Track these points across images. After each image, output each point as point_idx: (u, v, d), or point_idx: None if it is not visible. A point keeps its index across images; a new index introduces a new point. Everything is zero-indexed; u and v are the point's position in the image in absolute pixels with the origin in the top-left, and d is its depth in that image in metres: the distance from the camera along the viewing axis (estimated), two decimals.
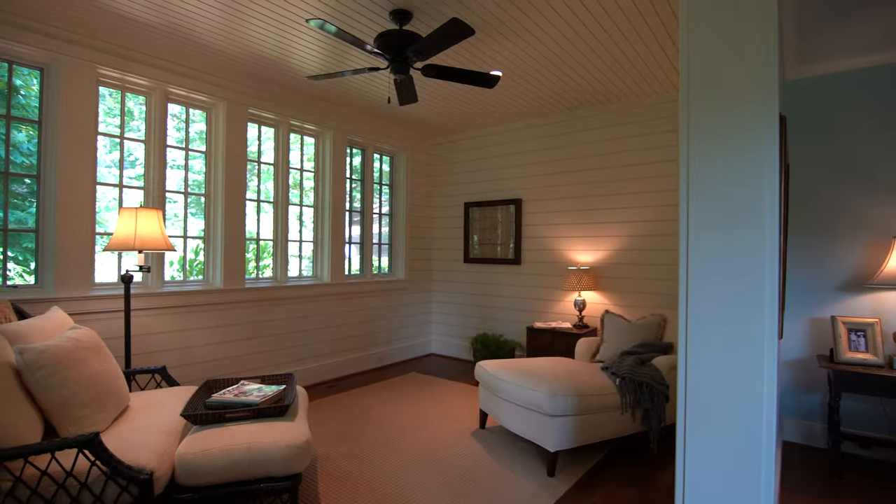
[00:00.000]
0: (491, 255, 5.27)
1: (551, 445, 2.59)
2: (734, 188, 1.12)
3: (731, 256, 1.12)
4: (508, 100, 4.38)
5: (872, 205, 3.15)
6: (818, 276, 3.32)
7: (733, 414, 1.11)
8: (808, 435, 3.35)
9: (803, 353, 3.37)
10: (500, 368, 3.04)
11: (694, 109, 1.19)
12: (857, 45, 2.99)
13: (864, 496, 2.67)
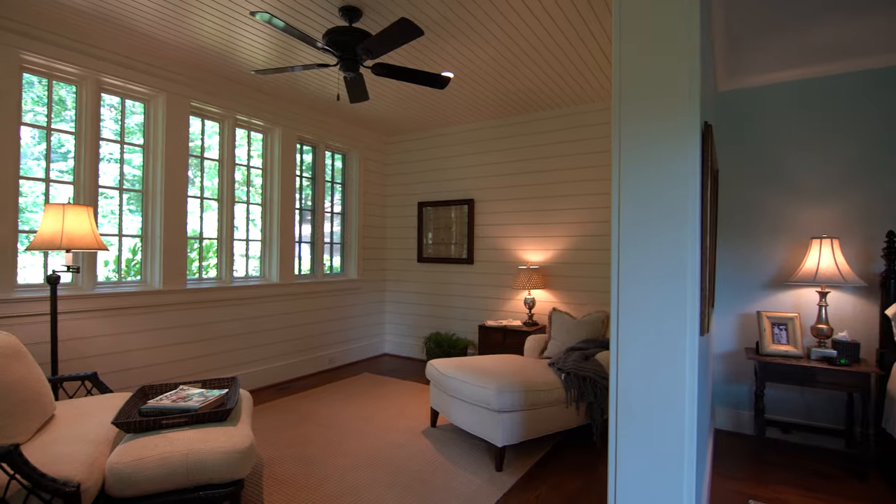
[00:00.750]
0: (444, 254, 5.31)
1: (499, 441, 2.65)
2: (660, 192, 1.19)
3: (657, 256, 1.19)
4: (461, 101, 4.43)
5: (793, 209, 3.42)
6: (746, 275, 3.57)
7: (659, 404, 1.19)
8: (738, 422, 3.59)
9: (733, 346, 3.61)
10: (450, 367, 3.08)
11: (624, 118, 1.25)
12: (778, 62, 3.23)
13: (784, 475, 2.90)
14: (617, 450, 1.25)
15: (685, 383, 1.16)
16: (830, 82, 3.31)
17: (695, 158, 1.17)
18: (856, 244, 3.23)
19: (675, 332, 1.17)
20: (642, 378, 1.21)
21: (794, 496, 2.66)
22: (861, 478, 2.85)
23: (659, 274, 1.19)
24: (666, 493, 1.18)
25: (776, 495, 2.67)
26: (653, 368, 1.19)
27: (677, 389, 1.16)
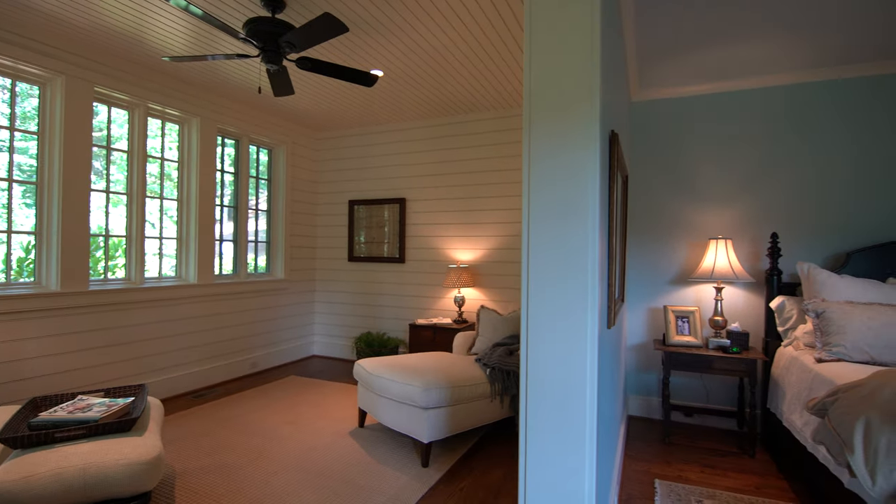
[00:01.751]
0: (376, 253, 5.27)
1: (425, 437, 2.69)
2: (565, 197, 1.27)
3: (562, 256, 1.27)
4: (392, 100, 4.42)
5: (696, 212, 3.75)
6: (655, 272, 3.86)
7: (564, 392, 1.26)
8: (649, 408, 3.88)
9: (644, 338, 3.89)
10: (377, 366, 3.07)
11: (534, 127, 1.32)
12: (684, 77, 3.54)
13: (686, 455, 3.18)
14: (527, 436, 1.31)
15: (587, 373, 1.24)
16: (729, 98, 3.66)
17: (594, 164, 1.26)
18: (746, 244, 3.60)
19: (578, 325, 1.25)
20: (549, 369, 1.28)
21: (694, 473, 2.92)
22: (750, 453, 3.19)
23: (563, 272, 1.27)
24: (570, 474, 1.26)
25: (679, 473, 2.92)
26: (558, 360, 1.27)
27: (579, 379, 1.25)
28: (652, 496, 2.63)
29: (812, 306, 2.81)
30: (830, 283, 2.94)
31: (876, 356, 2.54)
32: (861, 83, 3.32)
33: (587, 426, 1.25)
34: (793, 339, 3.08)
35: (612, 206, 1.92)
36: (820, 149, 3.41)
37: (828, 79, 3.38)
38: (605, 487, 2.04)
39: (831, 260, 3.37)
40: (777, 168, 3.52)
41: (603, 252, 1.76)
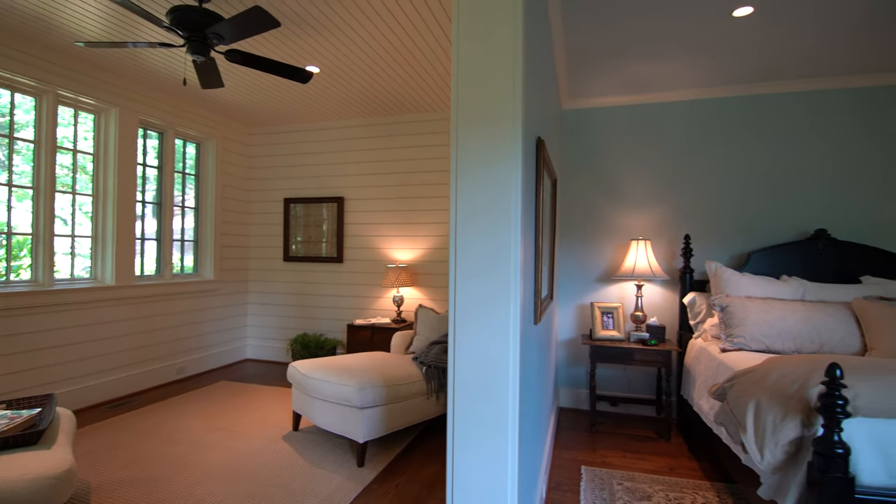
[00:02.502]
0: (313, 253, 5.16)
1: (361, 437, 2.69)
2: (488, 201, 1.34)
3: (486, 256, 1.33)
4: (329, 97, 4.35)
5: (620, 214, 4.00)
6: (584, 271, 4.08)
7: (488, 387, 1.33)
8: (578, 400, 4.09)
9: (573, 333, 4.10)
10: (312, 368, 3.03)
11: (461, 133, 1.38)
12: (608, 88, 3.76)
13: (610, 442, 3.39)
14: (454, 429, 1.37)
15: (509, 367, 1.31)
16: (648, 109, 3.93)
17: (517, 169, 1.33)
18: (663, 245, 3.89)
19: (501, 322, 1.31)
20: (474, 364, 1.34)
21: (617, 458, 3.13)
22: (666, 437, 3.45)
23: (487, 271, 1.33)
24: (494, 463, 1.32)
25: (603, 459, 3.11)
26: (482, 355, 1.33)
27: (503, 373, 1.32)
28: (578, 482, 2.79)
29: (717, 301, 3.09)
30: (734, 280, 3.25)
31: (770, 345, 2.84)
32: (758, 100, 3.69)
33: (510, 418, 1.32)
34: (702, 332, 3.37)
35: (539, 209, 2.03)
36: (726, 158, 3.75)
37: (732, 95, 3.73)
38: (533, 476, 2.15)
39: (735, 259, 3.72)
40: (690, 175, 3.84)
41: (529, 252, 1.86)
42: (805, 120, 3.61)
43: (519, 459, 1.37)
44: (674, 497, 2.61)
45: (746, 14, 2.65)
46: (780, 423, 1.75)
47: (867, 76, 3.44)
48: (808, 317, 2.83)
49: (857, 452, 1.64)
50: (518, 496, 1.36)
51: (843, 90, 3.53)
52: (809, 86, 3.57)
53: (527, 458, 1.81)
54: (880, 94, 3.47)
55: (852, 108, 3.52)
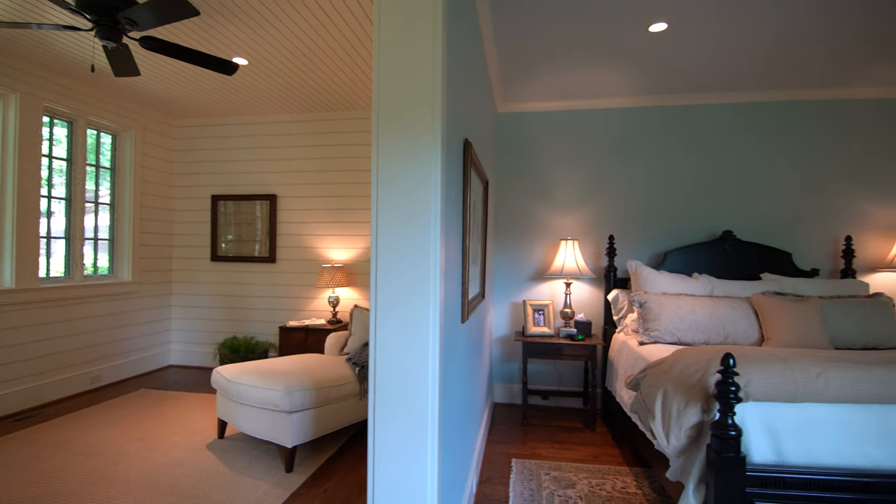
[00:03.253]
0: (244, 252, 4.95)
1: (289, 441, 2.62)
2: (408, 203, 1.35)
3: (407, 255, 1.35)
4: (261, 91, 4.19)
5: (551, 215, 4.16)
6: (518, 270, 4.20)
7: (407, 385, 1.34)
8: (511, 395, 4.21)
9: (507, 330, 4.22)
10: (237, 372, 2.91)
11: (382, 132, 1.38)
12: (540, 94, 3.90)
13: (540, 434, 3.52)
14: (374, 428, 1.37)
15: (429, 366, 1.33)
16: (578, 115, 4.11)
17: (437, 171, 1.35)
18: (590, 244, 4.09)
19: (421, 322, 1.33)
20: (394, 365, 1.35)
21: (546, 449, 3.25)
22: (592, 427, 3.63)
23: (407, 271, 1.35)
24: (414, 465, 1.34)
25: (533, 451, 3.23)
26: (402, 354, 1.35)
27: (422, 371, 1.33)
28: (508, 474, 2.88)
29: (636, 298, 3.30)
30: (651, 277, 3.48)
31: (682, 337, 3.07)
32: (675, 110, 3.96)
33: (430, 417, 1.34)
34: (624, 327, 3.57)
35: (467, 210, 2.07)
36: (647, 164, 4.00)
37: (653, 105, 3.98)
38: (463, 472, 2.19)
39: (654, 258, 3.98)
40: (615, 179, 4.06)
41: (454, 252, 1.89)
42: (715, 131, 3.92)
43: (439, 458, 1.39)
44: (596, 483, 2.76)
45: (661, 30, 2.84)
46: (683, 409, 1.90)
47: (765, 93, 3.79)
48: (715, 311, 3.08)
49: (748, 434, 1.81)
50: (439, 495, 1.39)
51: (746, 104, 3.87)
52: (718, 99, 3.88)
53: (452, 456, 1.85)
54: (775, 109, 3.84)
55: (752, 121, 3.87)
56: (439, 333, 1.36)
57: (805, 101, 3.81)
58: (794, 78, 3.51)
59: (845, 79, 3.52)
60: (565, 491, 2.66)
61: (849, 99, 3.76)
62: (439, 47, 1.36)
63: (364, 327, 3.69)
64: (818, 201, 3.80)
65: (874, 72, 3.38)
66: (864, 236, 3.76)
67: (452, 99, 1.73)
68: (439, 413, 1.37)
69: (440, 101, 1.36)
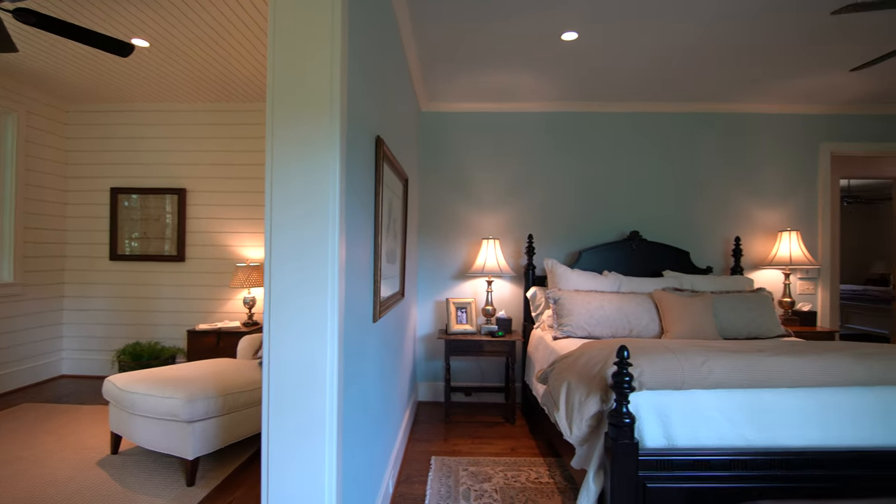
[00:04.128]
0: (148, 251, 4.58)
1: (190, 453, 2.45)
2: (305, 195, 1.30)
3: (302, 254, 1.29)
4: (167, 77, 3.88)
5: (474, 214, 4.22)
6: (442, 268, 4.23)
7: (304, 388, 1.29)
8: (436, 393, 4.23)
9: (431, 329, 4.23)
10: (132, 381, 2.68)
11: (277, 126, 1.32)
12: (463, 95, 3.94)
13: (462, 430, 3.56)
14: (269, 438, 1.31)
15: (326, 370, 1.29)
16: (500, 117, 4.20)
17: (335, 168, 1.31)
18: (511, 243, 4.20)
19: (317, 323, 1.29)
20: (288, 368, 1.30)
21: (466, 445, 3.29)
22: (511, 421, 3.73)
23: (302, 271, 1.30)
24: (311, 470, 1.29)
25: (453, 448, 3.26)
26: (297, 358, 1.29)
27: (319, 376, 1.29)
28: (427, 472, 2.88)
29: (551, 294, 3.43)
30: (566, 275, 3.63)
31: (591, 331, 3.23)
32: (591, 116, 4.17)
33: (328, 418, 1.30)
34: (541, 323, 3.70)
35: (379, 208, 2.04)
36: (565, 166, 4.18)
37: (571, 110, 4.16)
38: (376, 474, 2.16)
39: (570, 257, 4.16)
40: (534, 180, 4.20)
41: (365, 251, 1.86)
42: (625, 138, 4.17)
43: (339, 461, 1.35)
44: (511, 475, 2.83)
45: (573, 39, 2.96)
46: (584, 400, 1.99)
47: (670, 104, 4.09)
48: (621, 306, 3.28)
49: (642, 421, 1.94)
50: (338, 498, 1.35)
51: (653, 114, 4.16)
52: (629, 108, 4.13)
53: (360, 458, 1.81)
54: (679, 120, 4.16)
55: (658, 130, 4.16)
56: (338, 333, 1.32)
57: (704, 113, 4.15)
58: (694, 91, 3.82)
59: (737, 95, 3.88)
60: (482, 485, 2.71)
61: (740, 113, 4.15)
62: (339, 38, 1.32)
63: None
64: (713, 205, 4.17)
65: (759, 90, 3.75)
66: (750, 237, 4.17)
67: (359, 93, 1.69)
68: (338, 414, 1.33)
69: (340, 93, 1.32)
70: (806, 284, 4.17)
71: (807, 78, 3.51)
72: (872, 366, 2.02)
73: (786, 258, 3.88)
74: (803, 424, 1.92)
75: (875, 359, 2.06)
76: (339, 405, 1.34)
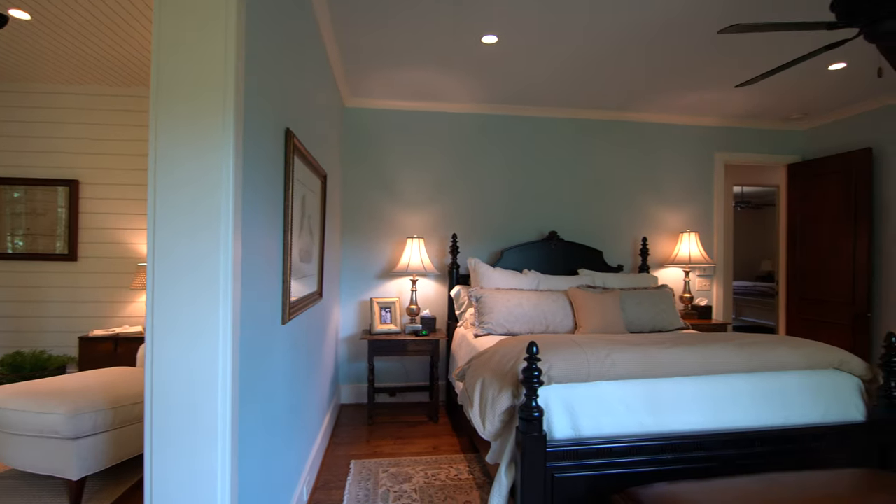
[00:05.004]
0: (37, 249, 4.08)
1: (75, 473, 2.21)
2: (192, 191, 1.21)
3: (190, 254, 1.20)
4: (58, 56, 3.48)
5: (399, 213, 4.19)
6: (366, 268, 4.15)
7: (191, 396, 1.20)
8: (359, 395, 4.15)
9: (354, 329, 4.14)
10: (5, 396, 2.36)
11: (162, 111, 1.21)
12: (387, 92, 3.89)
13: (385, 431, 3.52)
14: (152, 458, 1.20)
15: (218, 373, 1.21)
16: (427, 116, 4.20)
17: (229, 162, 1.23)
18: (436, 242, 4.22)
19: (207, 326, 1.20)
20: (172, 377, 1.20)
21: (388, 447, 3.26)
22: (435, 420, 3.75)
23: (192, 270, 1.21)
24: (202, 480, 1.21)
25: (374, 450, 3.21)
26: (183, 367, 1.20)
27: (209, 380, 1.21)
28: (346, 476, 2.82)
29: (473, 293, 3.48)
30: (488, 274, 3.71)
31: (511, 328, 3.32)
32: (514, 120, 4.29)
33: (220, 427, 1.22)
34: (464, 321, 3.75)
35: (289, 204, 1.95)
36: (489, 167, 4.26)
37: (495, 113, 4.25)
38: (288, 484, 2.07)
39: (493, 256, 4.25)
40: (460, 180, 4.24)
41: (273, 250, 1.77)
42: (544, 141, 4.33)
43: (233, 474, 1.27)
44: (432, 474, 2.84)
45: (493, 42, 3.02)
46: (497, 395, 2.03)
47: (585, 111, 4.30)
48: (538, 303, 3.40)
49: (551, 413, 2.01)
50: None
51: (570, 119, 4.35)
52: (548, 113, 4.30)
53: (266, 470, 1.73)
54: (592, 126, 4.39)
55: (575, 135, 4.37)
56: (231, 336, 1.24)
57: (615, 121, 4.41)
58: (606, 100, 4.04)
59: (643, 105, 4.16)
60: (401, 486, 2.69)
61: (647, 122, 4.45)
62: (234, 14, 1.23)
63: None
64: (624, 207, 4.44)
65: (661, 102, 4.04)
66: (656, 237, 4.49)
67: (265, 81, 1.61)
68: (233, 423, 1.25)
69: (235, 78, 1.24)
70: (703, 281, 4.56)
71: (700, 93, 3.84)
72: (751, 355, 2.24)
73: (686, 257, 4.21)
74: (691, 410, 2.08)
75: (754, 348, 2.29)
76: (233, 414, 1.26)
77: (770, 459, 2.09)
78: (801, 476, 1.83)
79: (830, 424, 2.17)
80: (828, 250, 4.22)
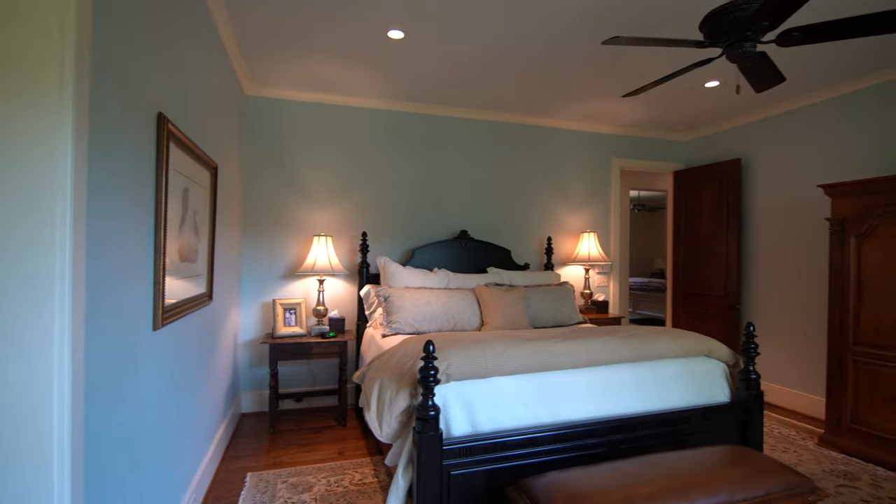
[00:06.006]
0: None
1: None
2: (11, 184, 1.04)
3: (10, 249, 1.03)
4: None
5: (305, 210, 4.00)
6: (269, 267, 3.92)
7: (13, 420, 1.03)
8: (262, 402, 3.91)
9: (256, 333, 3.90)
10: None
11: None
12: (293, 82, 3.70)
13: (288, 439, 3.34)
14: None
15: (53, 390, 1.05)
16: (335, 110, 4.05)
17: (67, 146, 1.07)
18: (345, 241, 4.09)
19: (35, 336, 1.04)
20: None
21: (289, 456, 3.10)
22: (343, 423, 3.63)
23: (9, 271, 1.04)
24: None
25: (275, 460, 3.04)
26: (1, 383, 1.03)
27: (41, 398, 1.04)
28: (240, 491, 2.63)
29: (382, 292, 3.42)
30: (398, 273, 3.66)
31: (419, 327, 3.30)
32: (425, 119, 4.28)
33: (57, 453, 1.06)
34: (373, 321, 3.68)
35: (163, 197, 1.77)
36: (401, 165, 4.21)
37: (406, 111, 4.21)
38: (168, 502, 1.88)
39: (404, 255, 4.21)
40: (371, 177, 4.15)
41: (141, 249, 1.59)
42: (455, 141, 4.37)
43: (74, 497, 1.11)
44: (335, 481, 2.74)
45: (399, 38, 2.98)
46: (394, 397, 2.00)
47: (493, 113, 4.40)
48: (447, 302, 3.41)
49: (449, 411, 2.01)
50: None
51: (479, 121, 4.43)
52: (458, 114, 4.34)
53: (134, 494, 1.55)
54: (501, 129, 4.51)
55: (484, 136, 4.46)
56: (69, 347, 1.08)
57: (522, 124, 4.56)
58: (512, 104, 4.16)
59: (546, 111, 4.34)
60: (301, 496, 2.57)
61: (551, 127, 4.65)
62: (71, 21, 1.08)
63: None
64: (531, 208, 4.61)
65: (560, 109, 4.25)
66: (560, 237, 4.71)
67: (124, 57, 1.43)
68: (71, 448, 1.09)
69: (73, 48, 1.08)
70: (602, 278, 4.87)
71: (594, 102, 4.08)
72: (635, 346, 2.41)
73: (585, 256, 4.47)
74: (582, 400, 2.19)
75: (637, 339, 2.46)
76: (71, 434, 1.10)
77: (652, 442, 2.26)
78: (673, 456, 1.99)
79: (700, 407, 2.39)
80: (706, 249, 4.68)
